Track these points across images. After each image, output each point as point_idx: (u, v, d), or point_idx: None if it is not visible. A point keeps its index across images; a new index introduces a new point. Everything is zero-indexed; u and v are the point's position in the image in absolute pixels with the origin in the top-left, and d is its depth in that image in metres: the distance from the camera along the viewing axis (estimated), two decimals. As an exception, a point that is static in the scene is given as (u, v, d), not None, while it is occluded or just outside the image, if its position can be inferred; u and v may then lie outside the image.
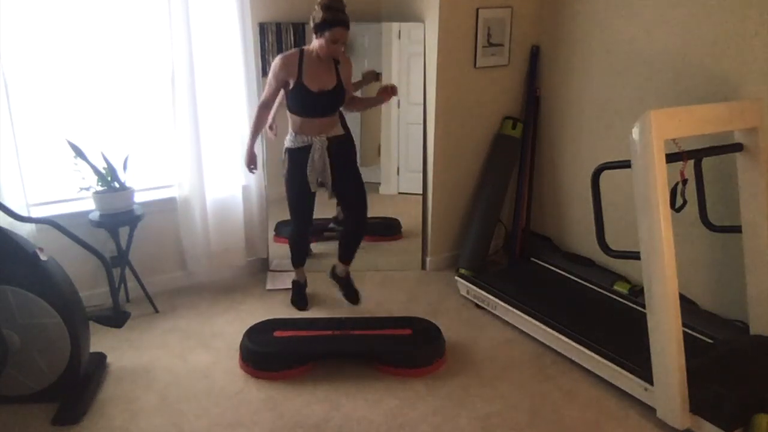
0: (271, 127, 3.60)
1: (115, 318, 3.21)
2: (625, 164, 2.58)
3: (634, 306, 3.32)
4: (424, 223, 4.09)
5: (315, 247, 4.07)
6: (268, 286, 3.88)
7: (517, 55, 4.00)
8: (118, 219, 3.34)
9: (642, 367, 2.71)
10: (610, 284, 3.58)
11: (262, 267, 4.10)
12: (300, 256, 3.66)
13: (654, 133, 2.40)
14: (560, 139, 4.02)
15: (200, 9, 3.42)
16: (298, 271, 3.70)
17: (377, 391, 2.88)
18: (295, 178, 3.29)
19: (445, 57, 3.75)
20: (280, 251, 4.08)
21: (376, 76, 4.03)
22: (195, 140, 3.55)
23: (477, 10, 3.74)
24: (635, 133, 2.45)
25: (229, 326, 3.42)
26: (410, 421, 2.69)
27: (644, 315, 2.59)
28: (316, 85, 3.14)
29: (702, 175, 2.95)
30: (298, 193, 3.35)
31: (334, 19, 3.00)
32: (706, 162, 2.95)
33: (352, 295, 3.66)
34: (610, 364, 2.84)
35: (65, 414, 2.66)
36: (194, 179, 3.62)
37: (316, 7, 3.04)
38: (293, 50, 3.18)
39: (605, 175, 2.81)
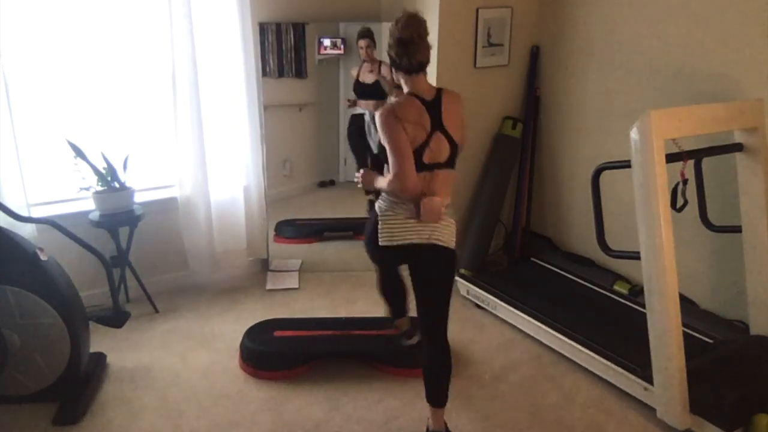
0: None
1: (115, 318, 3.21)
2: (625, 164, 2.58)
3: (634, 306, 3.32)
4: (424, 223, 4.08)
5: (315, 247, 4.03)
6: (268, 286, 3.88)
7: (517, 55, 3.99)
8: (118, 219, 3.34)
9: (642, 367, 2.71)
10: (610, 284, 3.57)
11: (262, 267, 4.09)
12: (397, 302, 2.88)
13: (654, 133, 2.40)
14: (560, 139, 4.02)
15: (201, 9, 3.42)
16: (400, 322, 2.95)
17: (377, 391, 2.88)
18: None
19: (445, 57, 3.74)
20: (280, 251, 4.08)
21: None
22: (196, 140, 3.54)
23: (477, 10, 3.74)
24: (635, 133, 2.45)
25: (229, 326, 3.42)
26: (410, 421, 2.69)
27: (644, 315, 2.59)
28: None
29: (702, 175, 2.95)
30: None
31: None
32: (706, 162, 2.95)
33: None
34: (610, 364, 2.84)
35: (65, 414, 2.66)
36: (195, 179, 3.61)
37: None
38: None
39: (605, 175, 2.81)
